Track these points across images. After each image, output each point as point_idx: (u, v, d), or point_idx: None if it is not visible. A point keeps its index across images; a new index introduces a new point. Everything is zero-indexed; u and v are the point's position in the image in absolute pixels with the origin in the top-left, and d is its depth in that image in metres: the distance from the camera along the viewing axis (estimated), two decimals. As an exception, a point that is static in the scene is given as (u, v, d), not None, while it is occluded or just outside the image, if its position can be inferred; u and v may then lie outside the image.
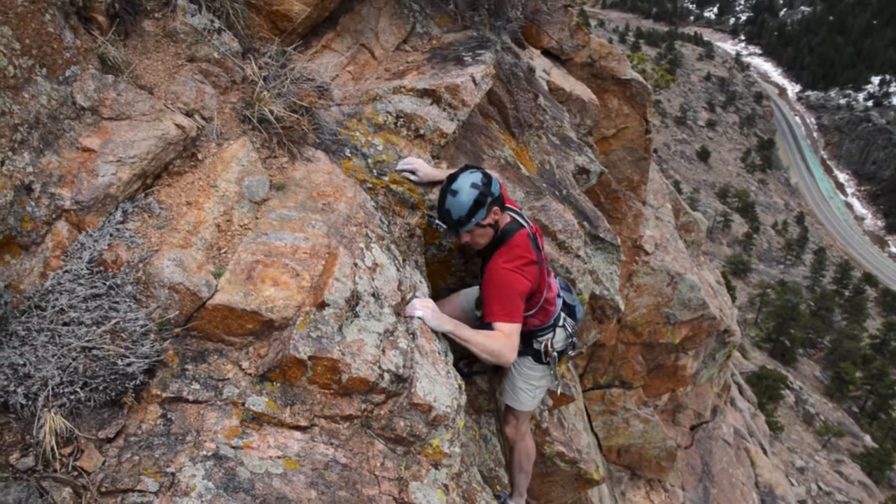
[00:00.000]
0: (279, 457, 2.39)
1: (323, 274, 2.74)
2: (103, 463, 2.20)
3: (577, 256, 4.69)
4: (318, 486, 2.37)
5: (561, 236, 4.59)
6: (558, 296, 3.83)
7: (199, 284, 2.52)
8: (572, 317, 3.94)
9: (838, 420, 42.75)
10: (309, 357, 2.50)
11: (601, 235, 5.29)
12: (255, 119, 3.19)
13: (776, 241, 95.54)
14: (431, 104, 3.90)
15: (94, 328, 2.33)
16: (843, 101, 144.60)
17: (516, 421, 4.12)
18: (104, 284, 2.43)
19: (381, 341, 2.76)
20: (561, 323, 3.84)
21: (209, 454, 2.29)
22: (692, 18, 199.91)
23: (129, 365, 2.31)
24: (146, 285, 2.49)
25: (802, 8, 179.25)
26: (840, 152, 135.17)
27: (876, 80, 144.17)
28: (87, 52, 2.75)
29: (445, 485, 2.76)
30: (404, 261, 3.33)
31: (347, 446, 2.56)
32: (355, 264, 2.87)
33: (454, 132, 3.95)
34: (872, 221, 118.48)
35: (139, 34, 3.05)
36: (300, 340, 2.51)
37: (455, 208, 3.17)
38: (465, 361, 4.28)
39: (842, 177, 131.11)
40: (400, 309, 3.03)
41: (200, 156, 2.94)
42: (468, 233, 3.27)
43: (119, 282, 2.46)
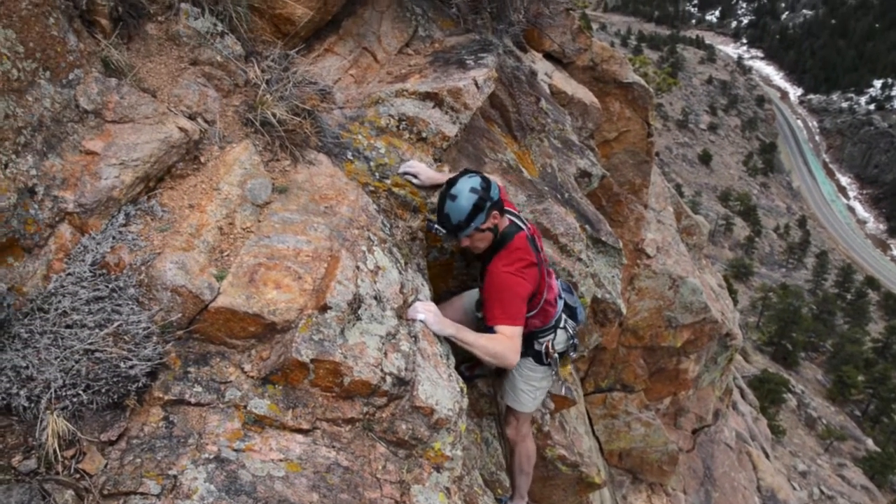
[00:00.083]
0: (281, 459, 2.39)
1: (325, 277, 2.74)
2: (105, 465, 2.20)
3: (579, 260, 4.70)
4: (320, 489, 2.37)
5: (563, 240, 4.59)
6: (559, 297, 3.83)
7: (202, 287, 2.52)
8: (574, 318, 3.94)
9: (840, 424, 42.68)
10: (311, 360, 2.50)
11: (603, 239, 5.29)
12: (258, 122, 3.20)
13: (778, 245, 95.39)
14: (434, 107, 3.90)
15: (97, 331, 2.33)
16: (846, 105, 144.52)
17: (517, 422, 4.11)
18: (107, 287, 2.44)
19: (383, 344, 2.76)
20: (562, 324, 3.84)
21: (211, 457, 2.29)
22: (694, 22, 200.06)
23: (132, 367, 2.32)
24: (149, 288, 2.49)
25: (804, 11, 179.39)
26: (842, 156, 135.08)
27: (878, 84, 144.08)
28: (91, 56, 2.76)
29: (447, 488, 2.76)
30: (406, 264, 3.33)
31: (349, 449, 2.56)
32: (357, 267, 2.87)
33: (456, 135, 3.95)
34: (875, 225, 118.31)
35: (142, 37, 3.06)
36: (302, 343, 2.51)
37: (454, 213, 3.16)
38: (467, 365, 4.28)
39: (844, 180, 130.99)
40: (402, 312, 3.03)
41: (203, 159, 2.95)
42: (468, 237, 3.26)
43: (122, 284, 2.46)
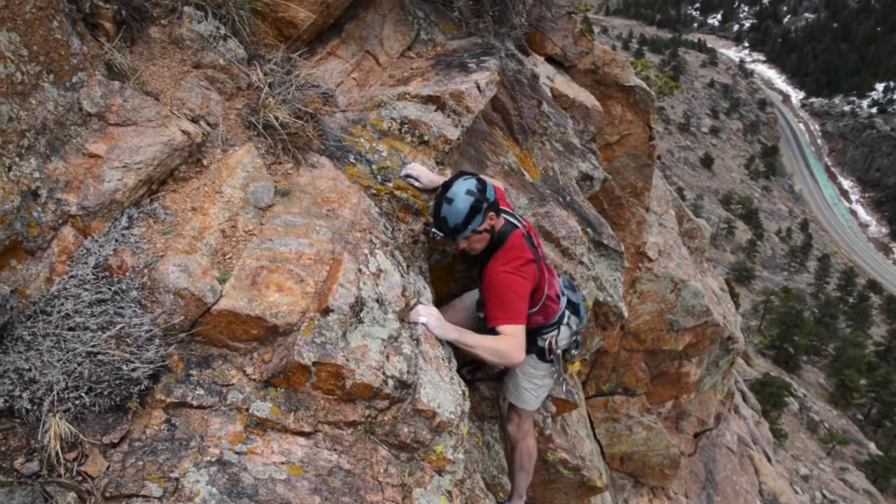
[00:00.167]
0: (283, 462, 2.39)
1: (327, 280, 2.74)
2: (107, 468, 2.20)
3: (581, 263, 4.70)
4: (322, 492, 2.37)
5: (564, 243, 4.59)
6: (562, 294, 3.82)
7: (204, 290, 2.53)
8: (577, 315, 3.94)
9: (843, 428, 42.58)
10: (313, 363, 2.50)
11: (605, 242, 5.29)
12: (261, 125, 3.21)
13: (780, 248, 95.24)
14: (436, 110, 3.91)
15: (100, 333, 2.34)
16: (848, 108, 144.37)
17: (519, 419, 4.09)
18: (109, 290, 2.44)
19: (385, 347, 2.76)
20: (565, 321, 3.83)
21: (213, 460, 2.30)
22: (696, 25, 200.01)
23: (134, 370, 2.32)
24: (151, 291, 2.50)
25: (806, 15, 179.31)
26: (844, 159, 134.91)
27: (880, 87, 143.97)
28: (94, 59, 2.77)
29: (449, 491, 2.76)
30: (408, 267, 3.33)
31: (351, 452, 2.56)
32: (359, 270, 2.88)
33: (458, 138, 3.95)
34: (877, 228, 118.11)
35: (145, 41, 3.07)
36: (304, 346, 2.51)
37: (451, 216, 3.16)
38: (469, 368, 4.28)
39: (846, 183, 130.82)
40: (404, 315, 3.03)
41: (206, 162, 2.96)
42: (465, 239, 3.25)
43: (124, 287, 2.47)
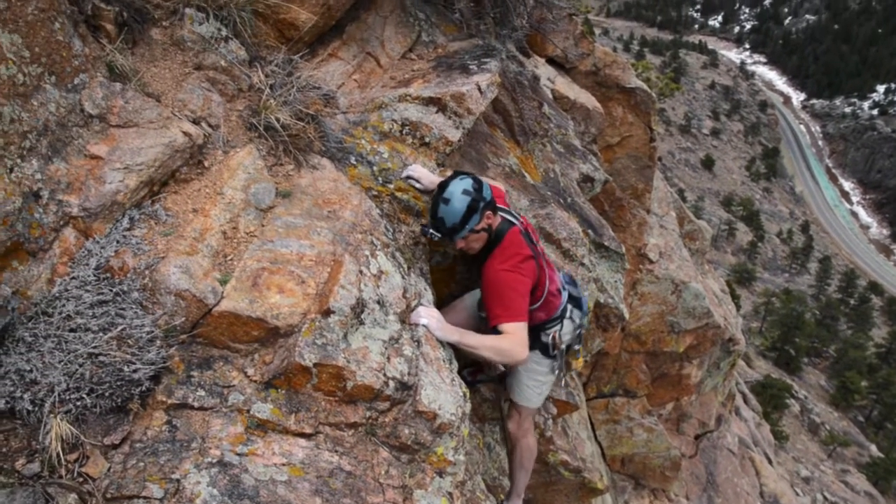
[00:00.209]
0: (284, 464, 2.39)
1: (328, 281, 2.74)
2: (109, 469, 2.20)
3: (582, 265, 4.70)
4: (323, 494, 2.37)
5: (565, 244, 4.60)
6: (563, 288, 3.82)
7: (205, 291, 2.53)
8: (579, 308, 3.93)
9: (844, 429, 42.53)
10: (314, 364, 2.50)
11: (606, 244, 5.29)
12: (262, 127, 3.21)
13: (781, 250, 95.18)
14: (437, 112, 3.91)
15: (101, 334, 2.34)
16: (849, 110, 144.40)
17: (519, 417, 4.07)
18: (111, 291, 2.44)
19: (386, 349, 2.76)
20: (568, 315, 3.82)
21: (214, 461, 2.30)
22: (697, 27, 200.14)
23: (135, 371, 2.32)
24: (152, 292, 2.50)
25: (807, 16, 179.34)
26: (845, 161, 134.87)
27: (881, 89, 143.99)
28: (96, 60, 2.77)
29: (450, 493, 2.76)
30: (409, 268, 3.34)
31: (352, 454, 2.56)
32: (360, 272, 2.88)
33: (459, 140, 3.96)
34: (878, 230, 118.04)
35: (147, 42, 3.07)
36: (305, 348, 2.51)
37: (448, 216, 3.15)
38: (470, 370, 4.28)
39: (847, 185, 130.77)
40: (405, 316, 3.03)
41: (207, 163, 2.96)
42: (463, 239, 3.25)
43: (125, 288, 2.47)
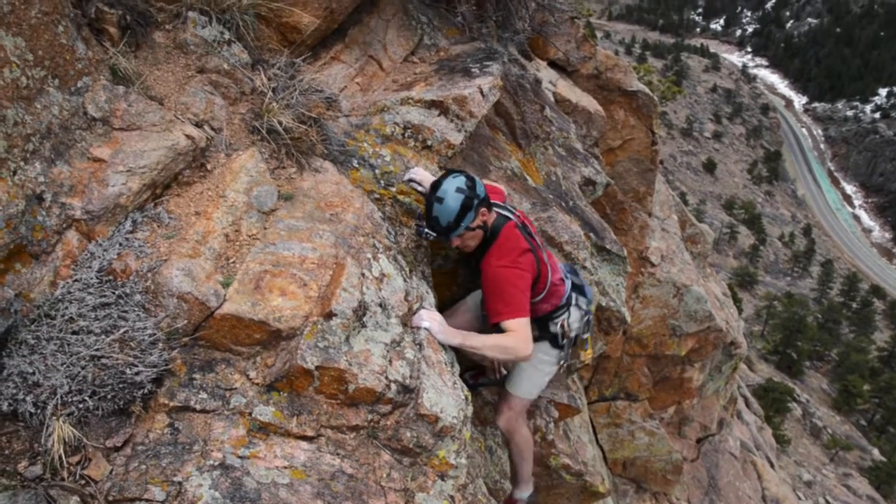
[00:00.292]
0: (286, 467, 2.39)
1: (330, 284, 2.74)
2: (111, 472, 2.20)
3: (584, 268, 4.70)
4: (325, 497, 2.37)
5: (567, 247, 4.59)
6: (566, 277, 3.81)
7: (208, 294, 2.53)
8: (583, 295, 3.92)
9: (846, 433, 42.40)
10: (316, 367, 2.50)
11: (607, 247, 5.29)
12: (264, 130, 3.21)
13: (783, 253, 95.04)
14: (439, 115, 3.92)
15: (103, 337, 2.34)
16: (851, 113, 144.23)
17: (510, 412, 3.97)
18: (113, 293, 2.45)
19: (388, 352, 2.76)
20: (574, 302, 3.82)
21: (216, 464, 2.30)
22: (698, 30, 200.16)
23: (138, 374, 2.32)
24: (155, 294, 2.50)
25: (809, 20, 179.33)
26: (847, 164, 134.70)
27: (883, 92, 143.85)
28: (99, 64, 2.78)
29: (451, 496, 2.75)
30: (411, 271, 3.34)
31: (354, 457, 2.56)
32: (363, 274, 2.88)
33: (461, 143, 3.96)
34: (880, 233, 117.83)
35: (150, 46, 3.08)
36: (307, 350, 2.51)
37: (443, 215, 3.15)
38: (472, 373, 4.28)
39: (849, 188, 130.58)
40: (407, 319, 3.03)
41: (209, 166, 2.96)
42: (458, 237, 3.25)
43: (128, 291, 2.47)
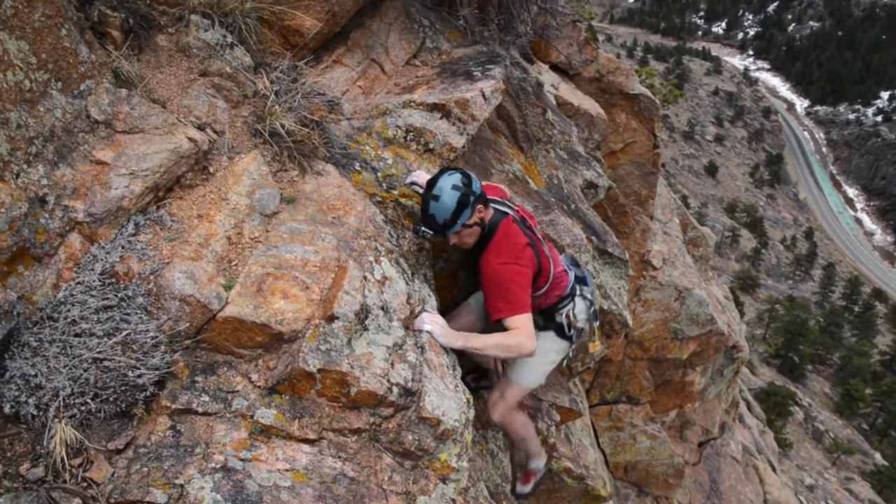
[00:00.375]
0: (287, 470, 2.39)
1: (332, 287, 2.75)
2: (113, 474, 2.21)
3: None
4: (326, 500, 2.37)
5: (569, 251, 4.59)
6: (568, 269, 3.81)
7: (210, 297, 2.53)
8: (586, 285, 3.92)
9: (848, 437, 42.30)
10: (318, 370, 2.51)
11: (609, 250, 5.29)
12: (267, 133, 3.22)
13: (785, 257, 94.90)
14: (441, 118, 3.92)
15: (106, 339, 2.35)
16: (853, 117, 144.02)
17: (504, 401, 3.83)
18: (116, 296, 2.45)
19: (390, 355, 2.76)
20: (578, 292, 3.81)
21: (218, 466, 2.30)
22: (700, 33, 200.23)
23: (140, 376, 2.33)
24: (157, 297, 2.51)
25: (811, 23, 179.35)
26: (849, 167, 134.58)
27: (885, 96, 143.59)
28: (102, 67, 2.79)
29: (453, 499, 2.75)
30: (413, 274, 3.34)
31: (355, 460, 2.56)
32: (365, 277, 2.88)
33: (463, 146, 3.96)
34: (882, 237, 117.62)
35: (153, 49, 3.09)
36: (309, 353, 2.51)
37: (439, 212, 3.14)
38: (473, 376, 4.27)
39: (851, 192, 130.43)
40: (409, 322, 3.03)
41: (212, 169, 2.97)
42: (456, 235, 3.24)
43: (130, 294, 2.48)
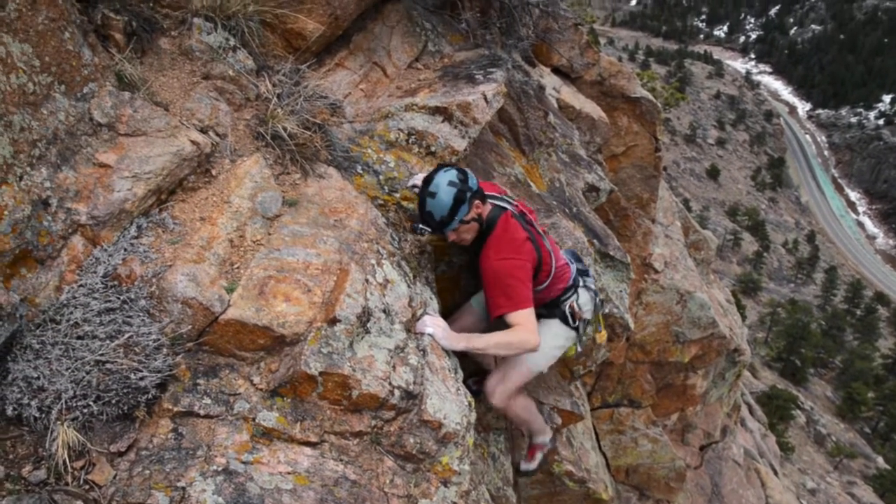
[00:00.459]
0: (289, 472, 2.39)
1: (334, 290, 2.75)
2: (114, 477, 2.21)
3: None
4: (328, 503, 2.37)
5: (571, 254, 4.59)
6: (570, 263, 3.81)
7: (212, 299, 2.54)
8: (588, 276, 3.93)
9: (850, 441, 42.19)
10: (320, 373, 2.51)
11: (611, 253, 5.28)
12: (269, 136, 3.23)
13: (787, 260, 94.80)
14: (443, 121, 3.93)
15: (108, 342, 2.35)
16: (854, 120, 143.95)
17: (504, 385, 3.73)
18: (118, 299, 2.45)
19: (392, 358, 2.77)
20: (581, 284, 3.81)
21: (219, 469, 2.30)
22: (702, 37, 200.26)
23: (142, 379, 2.33)
24: (159, 300, 2.51)
25: (813, 26, 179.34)
26: (851, 171, 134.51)
27: (887, 99, 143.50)
28: (105, 70, 2.79)
29: (454, 503, 2.75)
30: (415, 277, 3.34)
31: (357, 463, 2.56)
32: (366, 280, 2.88)
33: (465, 149, 3.97)
34: (884, 240, 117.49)
35: (155, 52, 3.10)
36: (311, 356, 2.52)
37: (436, 209, 3.14)
38: (475, 378, 4.27)
39: (853, 195, 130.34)
40: (410, 325, 3.03)
41: (214, 172, 2.98)
42: (454, 231, 3.24)
43: (133, 296, 2.48)
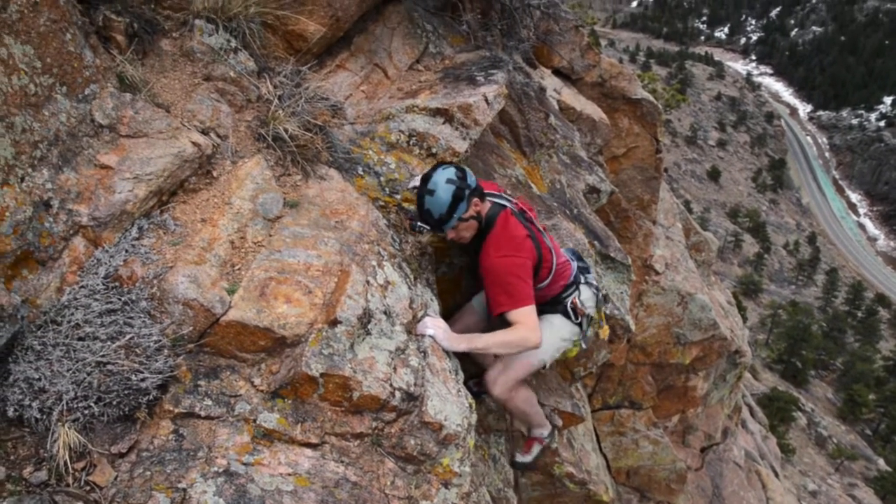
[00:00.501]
0: (290, 474, 2.39)
1: (335, 291, 2.75)
2: (115, 478, 2.21)
3: (588, 275, 4.69)
4: (328, 504, 2.37)
5: (572, 255, 4.59)
6: (571, 260, 3.81)
7: (213, 301, 2.54)
8: (590, 273, 3.94)
9: (851, 443, 42.15)
10: (321, 374, 2.51)
11: (612, 255, 5.28)
12: (270, 137, 3.23)
13: (788, 262, 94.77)
14: (444, 123, 3.93)
15: (109, 343, 2.35)
16: (855, 121, 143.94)
17: (505, 375, 3.66)
18: (119, 300, 2.46)
19: (393, 359, 2.77)
20: (582, 280, 3.81)
21: (220, 470, 2.30)
22: (703, 38, 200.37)
23: (143, 380, 2.33)
24: (160, 301, 2.51)
25: (814, 28, 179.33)
26: (852, 172, 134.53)
27: (888, 100, 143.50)
28: (106, 71, 2.80)
29: (455, 504, 2.75)
30: (416, 279, 3.34)
31: (358, 464, 2.56)
32: (367, 282, 2.89)
33: (466, 151, 3.97)
34: (885, 242, 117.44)
35: (157, 53, 3.10)
36: (312, 357, 2.52)
37: (435, 207, 3.13)
38: (476, 380, 4.27)
39: (854, 197, 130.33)
40: (411, 327, 3.03)
41: (215, 173, 2.98)
42: (453, 229, 3.24)
43: (134, 297, 2.48)
